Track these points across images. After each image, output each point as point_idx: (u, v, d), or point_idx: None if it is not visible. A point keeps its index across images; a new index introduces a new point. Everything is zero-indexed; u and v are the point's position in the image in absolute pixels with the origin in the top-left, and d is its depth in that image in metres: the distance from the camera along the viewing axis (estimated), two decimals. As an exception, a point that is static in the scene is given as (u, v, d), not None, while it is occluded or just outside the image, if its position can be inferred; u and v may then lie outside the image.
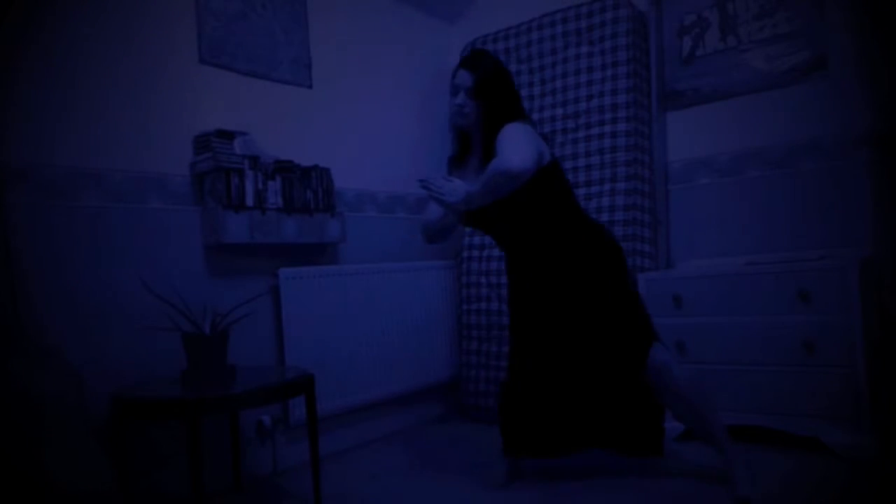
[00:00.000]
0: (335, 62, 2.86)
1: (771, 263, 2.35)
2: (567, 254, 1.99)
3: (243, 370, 2.09)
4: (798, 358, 2.20)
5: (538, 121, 2.96)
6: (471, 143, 2.11)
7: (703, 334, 2.37)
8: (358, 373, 2.70)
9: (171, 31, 2.27)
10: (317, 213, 2.54)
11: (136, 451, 1.98)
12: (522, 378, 2.12)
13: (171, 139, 2.25)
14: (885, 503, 1.84)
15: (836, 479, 1.99)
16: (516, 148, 1.83)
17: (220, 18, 2.41)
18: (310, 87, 2.75)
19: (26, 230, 1.87)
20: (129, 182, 2.12)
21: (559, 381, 2.06)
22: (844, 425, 2.12)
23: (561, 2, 2.98)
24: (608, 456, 2.30)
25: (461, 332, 3.13)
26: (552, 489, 2.10)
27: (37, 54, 1.94)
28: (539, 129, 2.95)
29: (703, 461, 2.11)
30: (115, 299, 2.04)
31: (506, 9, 3.29)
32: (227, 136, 2.29)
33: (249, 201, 2.32)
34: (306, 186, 2.54)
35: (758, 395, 2.27)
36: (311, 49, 2.75)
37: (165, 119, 2.23)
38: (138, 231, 2.13)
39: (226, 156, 2.25)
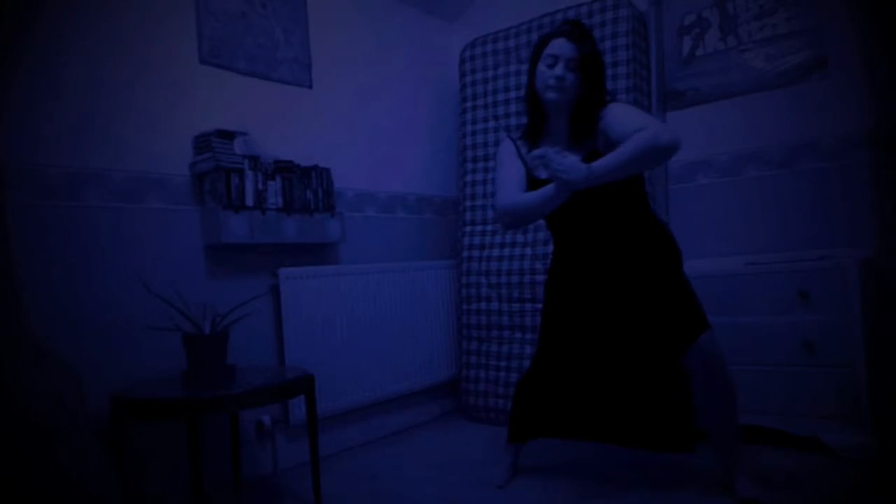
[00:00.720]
0: (335, 62, 2.86)
1: (771, 263, 2.35)
2: (641, 238, 1.94)
3: (243, 370, 2.09)
4: (798, 358, 2.20)
5: (538, 121, 2.96)
6: (547, 120, 1.98)
7: (703, 334, 2.37)
8: (358, 373, 2.70)
9: (171, 31, 2.27)
10: (317, 213, 2.54)
11: (136, 451, 1.98)
12: (555, 362, 2.07)
13: (171, 139, 2.25)
14: (886, 503, 1.84)
15: (836, 479, 1.99)
16: (660, 124, 1.76)
17: (220, 18, 2.41)
18: (310, 87, 2.75)
19: (26, 230, 1.87)
20: (129, 182, 2.12)
21: (598, 366, 2.01)
22: (844, 425, 2.12)
23: (561, 2, 2.98)
24: (611, 455, 2.30)
25: (461, 332, 3.13)
26: (552, 489, 2.10)
27: (37, 54, 1.94)
28: (539, 129, 2.96)
29: (702, 462, 2.11)
30: (115, 299, 2.04)
31: (506, 9, 3.29)
32: (227, 136, 2.29)
33: (249, 201, 2.32)
34: (306, 186, 2.54)
35: (758, 395, 2.27)
36: (311, 49, 2.75)
37: (165, 119, 2.23)
38: (138, 231, 2.13)
39: (226, 156, 2.25)
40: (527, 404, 2.15)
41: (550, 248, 2.79)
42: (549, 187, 1.81)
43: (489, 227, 3.08)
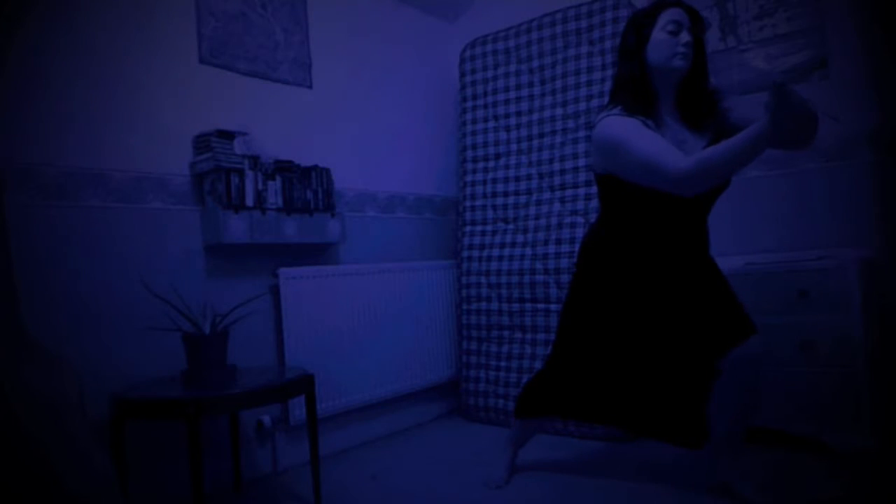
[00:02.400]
0: (335, 62, 2.86)
1: (771, 263, 2.35)
2: (706, 239, 1.93)
3: (243, 370, 2.09)
4: (798, 358, 2.20)
5: (538, 121, 2.96)
6: (656, 97, 1.82)
7: (703, 334, 2.37)
8: (358, 373, 2.70)
9: (171, 31, 2.27)
10: (317, 213, 2.54)
11: (136, 451, 1.98)
12: (592, 346, 1.98)
13: (171, 139, 2.25)
14: (886, 503, 1.84)
15: (836, 479, 1.99)
16: None
17: (220, 18, 2.41)
18: (310, 87, 2.75)
19: (26, 230, 1.87)
20: (129, 182, 2.12)
21: (639, 354, 1.94)
22: (844, 425, 2.12)
23: (561, 2, 2.98)
24: (608, 454, 2.30)
25: (461, 332, 3.13)
26: (551, 488, 2.10)
27: (36, 54, 1.94)
28: (539, 129, 2.96)
29: (701, 461, 2.11)
30: (115, 299, 2.04)
31: (506, 9, 3.29)
32: (227, 136, 2.29)
33: (249, 201, 2.32)
34: (306, 186, 2.54)
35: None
36: (311, 49, 2.75)
37: (165, 119, 2.23)
38: (138, 231, 2.13)
39: (226, 156, 2.26)
40: (551, 381, 2.07)
41: (551, 248, 2.80)
42: (756, 127, 1.49)
43: (489, 228, 3.08)
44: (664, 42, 1.77)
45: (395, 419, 2.94)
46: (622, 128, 1.75)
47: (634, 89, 1.81)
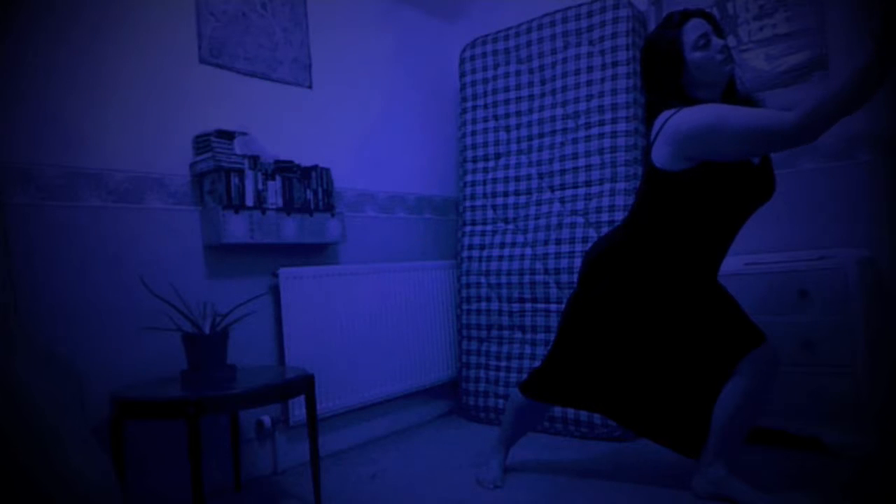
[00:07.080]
0: (335, 62, 2.86)
1: (771, 263, 2.35)
2: None
3: (243, 370, 2.09)
4: (798, 358, 2.20)
5: (538, 121, 2.96)
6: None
7: (703, 334, 2.37)
8: (358, 373, 2.70)
9: (171, 31, 2.27)
10: (317, 213, 2.55)
11: (136, 451, 1.98)
12: (611, 345, 1.96)
13: (171, 139, 2.25)
14: (886, 503, 1.84)
15: (836, 479, 1.98)
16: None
17: (220, 18, 2.41)
18: (310, 87, 2.75)
19: (26, 230, 1.87)
20: (129, 182, 2.12)
21: (656, 357, 1.94)
22: (844, 425, 2.12)
23: (561, 2, 2.98)
24: (604, 454, 2.30)
25: (461, 332, 3.13)
26: (551, 488, 2.10)
27: (37, 54, 1.94)
28: (539, 129, 2.96)
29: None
30: (114, 299, 2.04)
31: (506, 9, 3.29)
32: (227, 136, 2.29)
33: (249, 201, 2.32)
34: (306, 186, 2.54)
35: (758, 395, 2.27)
36: (311, 49, 2.75)
37: (165, 119, 2.23)
38: (138, 231, 2.13)
39: (226, 156, 2.26)
40: (561, 370, 2.05)
41: (551, 248, 2.80)
42: (861, 63, 1.49)
43: (489, 228, 3.08)
44: (704, 59, 1.76)
45: (395, 419, 2.94)
46: (707, 111, 1.72)
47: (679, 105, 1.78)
